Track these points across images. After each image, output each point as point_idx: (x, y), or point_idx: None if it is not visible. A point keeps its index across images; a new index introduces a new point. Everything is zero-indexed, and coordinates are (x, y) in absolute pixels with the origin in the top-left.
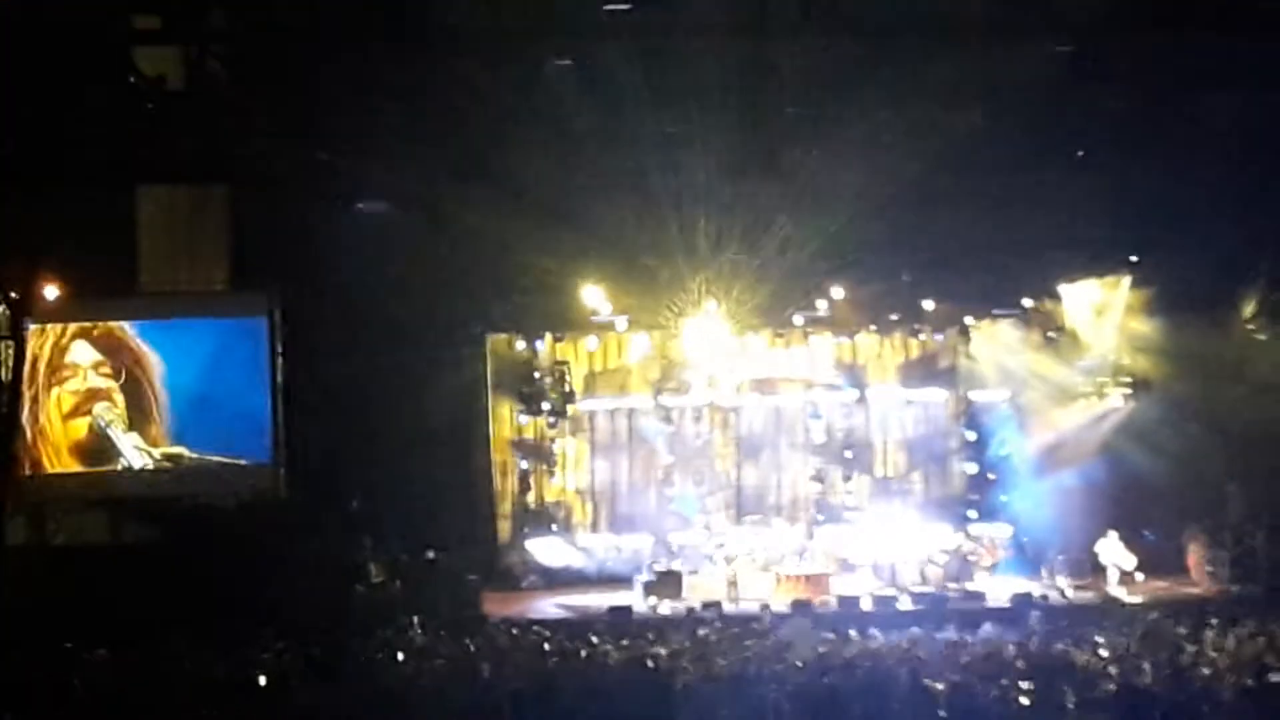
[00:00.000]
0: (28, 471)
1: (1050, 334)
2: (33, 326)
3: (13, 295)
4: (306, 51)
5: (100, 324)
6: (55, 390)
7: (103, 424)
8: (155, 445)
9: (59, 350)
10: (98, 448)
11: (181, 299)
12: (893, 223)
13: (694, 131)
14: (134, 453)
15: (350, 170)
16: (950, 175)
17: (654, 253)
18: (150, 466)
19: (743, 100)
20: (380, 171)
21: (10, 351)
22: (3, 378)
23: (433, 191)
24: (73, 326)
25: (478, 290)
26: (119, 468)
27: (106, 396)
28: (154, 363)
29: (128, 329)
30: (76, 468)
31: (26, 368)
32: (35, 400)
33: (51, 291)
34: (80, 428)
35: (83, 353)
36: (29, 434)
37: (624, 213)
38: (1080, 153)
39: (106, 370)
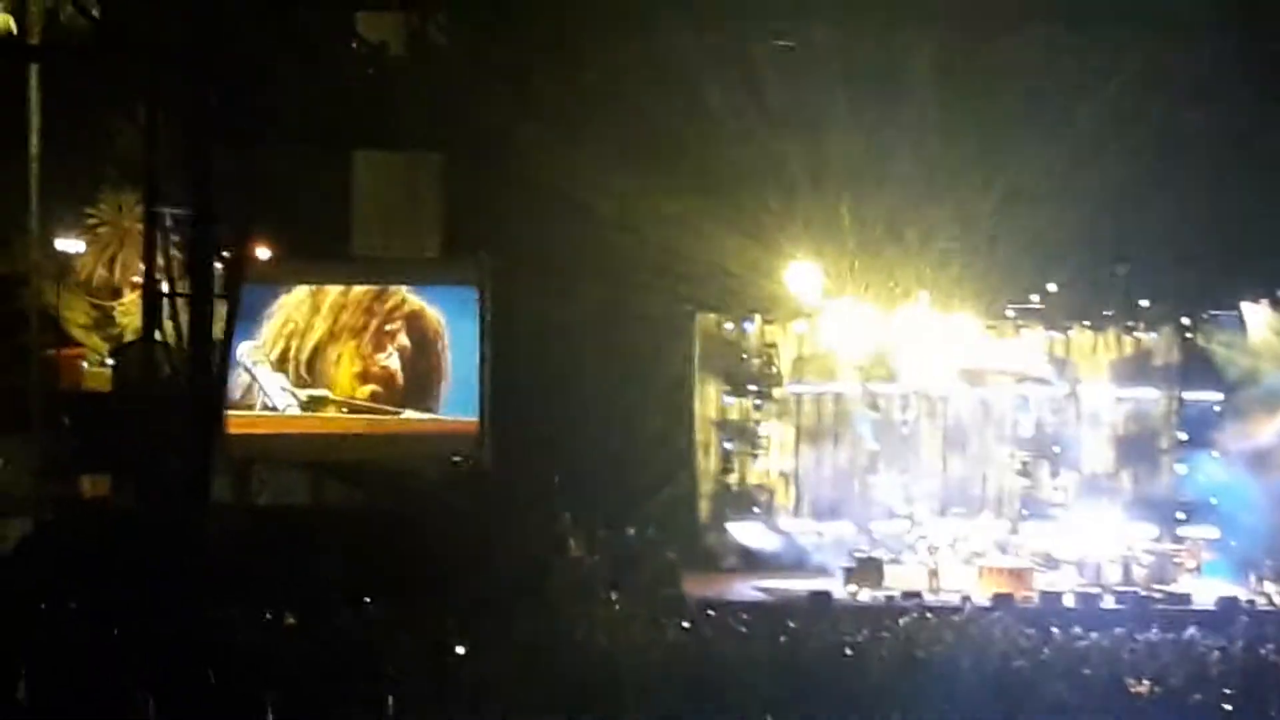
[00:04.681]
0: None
1: (1269, 335)
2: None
3: (227, 255)
4: (523, 25)
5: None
6: None
7: (249, 364)
8: (298, 386)
9: None
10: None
11: (393, 265)
12: (1109, 217)
13: (907, 118)
14: (279, 394)
15: (563, 144)
16: (1170, 172)
17: (865, 239)
18: (294, 407)
19: (957, 90)
20: (593, 147)
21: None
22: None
23: (646, 169)
24: None
25: (688, 269)
26: (260, 407)
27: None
28: None
29: None
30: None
31: None
32: None
33: (265, 253)
34: None
35: None
36: None
37: (837, 199)
38: None
39: None
